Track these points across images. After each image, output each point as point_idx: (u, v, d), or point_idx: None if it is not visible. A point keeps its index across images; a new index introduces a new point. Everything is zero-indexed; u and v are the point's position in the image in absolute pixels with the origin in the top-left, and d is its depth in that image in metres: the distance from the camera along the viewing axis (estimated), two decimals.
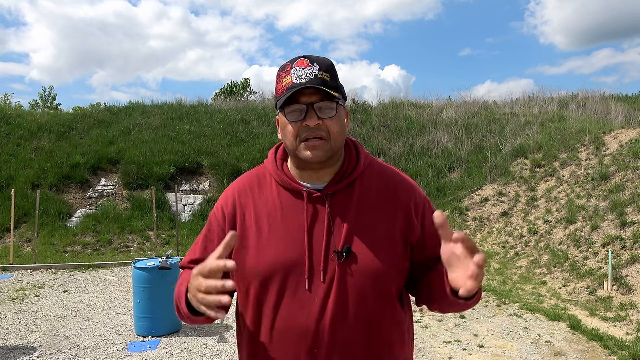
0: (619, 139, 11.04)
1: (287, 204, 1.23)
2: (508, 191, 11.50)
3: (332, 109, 1.17)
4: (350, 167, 1.27)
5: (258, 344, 1.22)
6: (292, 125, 1.17)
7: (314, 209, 1.22)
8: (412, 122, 16.53)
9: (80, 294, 6.83)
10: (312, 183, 1.25)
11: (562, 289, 7.15)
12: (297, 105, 1.16)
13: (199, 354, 4.69)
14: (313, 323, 1.15)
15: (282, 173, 1.27)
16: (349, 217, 1.21)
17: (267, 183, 1.29)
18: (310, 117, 1.15)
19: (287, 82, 1.17)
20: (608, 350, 4.78)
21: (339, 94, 1.19)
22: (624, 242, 7.43)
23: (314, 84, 1.14)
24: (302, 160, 1.20)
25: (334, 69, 1.21)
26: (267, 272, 1.18)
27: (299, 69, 1.17)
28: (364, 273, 1.17)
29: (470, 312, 6.00)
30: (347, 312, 1.16)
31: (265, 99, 20.80)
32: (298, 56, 1.20)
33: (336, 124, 1.19)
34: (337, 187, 1.23)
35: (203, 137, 14.48)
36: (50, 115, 16.03)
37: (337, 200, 1.23)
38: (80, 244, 10.17)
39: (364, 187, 1.25)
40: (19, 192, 10.85)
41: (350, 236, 1.19)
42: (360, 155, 1.30)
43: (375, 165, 1.31)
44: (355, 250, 1.18)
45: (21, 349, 4.76)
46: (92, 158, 12.76)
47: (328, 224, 1.19)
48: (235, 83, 29.63)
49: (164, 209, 11.62)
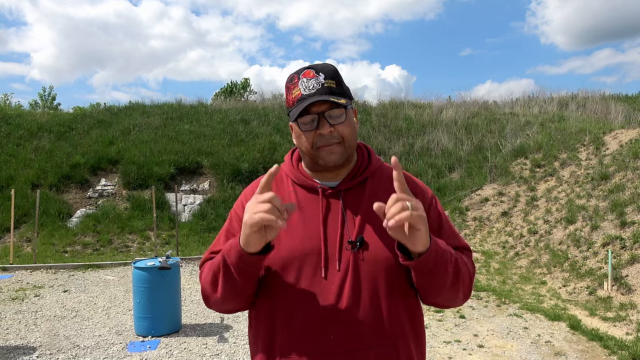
0: (619, 139, 11.04)
1: (303, 200, 1.31)
2: (508, 191, 11.50)
3: (341, 115, 1.26)
4: (362, 167, 1.35)
5: (275, 332, 1.25)
6: (306, 135, 1.27)
7: (328, 203, 1.30)
8: (412, 122, 16.54)
9: (80, 294, 6.83)
10: (327, 181, 1.33)
11: (562, 289, 7.15)
12: (309, 116, 1.25)
13: (199, 354, 4.69)
14: (329, 310, 1.20)
15: (298, 172, 1.36)
16: (361, 210, 1.28)
17: (283, 182, 1.37)
18: (322, 125, 1.24)
19: (297, 94, 1.27)
20: (608, 350, 4.78)
21: (346, 99, 1.27)
22: (624, 242, 7.43)
23: (322, 94, 1.24)
24: (321, 165, 1.29)
25: (338, 75, 1.30)
26: (285, 261, 1.24)
27: (306, 80, 1.26)
28: (376, 261, 1.23)
29: (470, 312, 6.00)
30: (362, 299, 1.21)
31: (265, 99, 20.80)
32: (303, 67, 1.29)
33: (347, 127, 1.27)
34: (350, 184, 1.32)
35: (203, 137, 14.48)
36: (50, 115, 16.04)
37: (350, 195, 1.31)
38: (80, 244, 10.17)
39: (374, 185, 1.33)
40: (19, 192, 10.86)
41: (362, 227, 1.26)
42: (372, 157, 1.39)
43: (385, 168, 1.39)
44: (368, 240, 1.24)
45: (21, 349, 4.77)
46: (92, 158, 12.76)
47: (342, 216, 1.27)
48: (235, 83, 29.65)
49: (164, 209, 11.62)
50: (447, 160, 14.11)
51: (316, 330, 1.20)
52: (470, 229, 10.75)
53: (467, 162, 13.81)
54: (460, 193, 12.26)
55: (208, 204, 12.09)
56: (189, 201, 12.29)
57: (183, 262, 8.58)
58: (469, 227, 10.84)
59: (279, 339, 1.24)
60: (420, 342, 1.32)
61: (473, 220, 11.04)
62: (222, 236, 1.39)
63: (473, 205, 11.60)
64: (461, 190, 12.38)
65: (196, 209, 12.05)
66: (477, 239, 10.25)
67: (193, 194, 12.55)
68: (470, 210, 11.44)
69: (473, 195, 12.05)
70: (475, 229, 10.70)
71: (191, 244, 10.44)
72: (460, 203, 11.83)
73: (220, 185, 12.72)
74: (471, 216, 11.22)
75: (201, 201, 12.26)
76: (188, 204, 12.23)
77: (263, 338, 1.28)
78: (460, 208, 11.53)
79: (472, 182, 12.60)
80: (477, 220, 10.92)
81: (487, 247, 9.75)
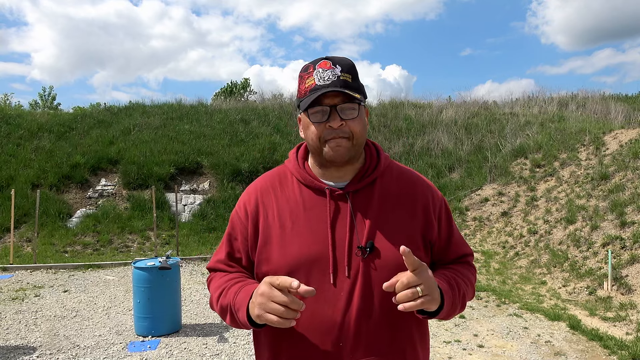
0: (619, 139, 11.04)
1: (310, 201, 1.26)
2: (508, 191, 11.50)
3: (354, 109, 1.21)
4: (371, 166, 1.30)
5: (282, 340, 1.22)
6: (315, 126, 1.21)
7: (336, 205, 1.24)
8: (412, 122, 16.54)
9: (80, 294, 6.83)
10: (334, 181, 1.27)
11: (562, 289, 7.16)
12: (321, 107, 1.19)
13: (199, 354, 4.69)
14: (339, 318, 1.17)
15: (304, 171, 1.30)
16: (371, 214, 1.23)
17: (288, 182, 1.31)
18: (333, 118, 1.18)
19: (310, 83, 1.20)
20: (608, 350, 4.78)
21: (360, 95, 1.22)
22: (623, 242, 7.43)
23: (337, 86, 1.17)
24: (326, 159, 1.23)
25: (355, 70, 1.24)
26: (292, 267, 1.20)
27: (321, 70, 1.19)
28: (388, 268, 1.18)
29: (470, 312, 6.00)
30: (373, 307, 1.18)
31: (265, 99, 20.80)
32: (320, 57, 1.23)
33: (358, 124, 1.22)
34: (359, 186, 1.26)
35: (203, 137, 14.48)
36: (50, 115, 16.03)
37: (359, 197, 1.25)
38: (80, 244, 10.17)
39: (384, 186, 1.29)
40: (19, 192, 10.86)
41: (373, 232, 1.21)
42: (380, 156, 1.34)
43: (394, 167, 1.35)
44: (378, 246, 1.20)
45: (21, 349, 4.77)
46: (92, 158, 12.76)
47: (351, 220, 1.22)
48: (235, 83, 29.65)
49: (164, 209, 11.62)
50: (447, 160, 14.11)
51: (324, 338, 1.17)
52: (470, 229, 10.76)
53: (467, 162, 13.81)
54: (460, 193, 12.27)
55: (208, 204, 12.09)
56: (189, 201, 12.29)
57: (183, 262, 8.58)
58: (469, 227, 10.84)
59: (286, 349, 1.21)
60: (425, 340, 1.32)
61: (473, 220, 11.05)
62: (224, 243, 1.36)
63: (473, 205, 11.60)
64: (461, 190, 12.38)
65: (196, 209, 12.05)
66: (477, 239, 10.26)
67: (193, 194, 12.55)
68: (470, 210, 11.44)
69: (473, 195, 12.05)
70: (475, 229, 10.70)
71: (191, 244, 10.44)
72: (460, 203, 11.83)
73: (220, 185, 12.72)
74: (471, 216, 11.22)
75: (201, 201, 12.26)
76: (188, 204, 12.23)
77: (269, 347, 1.25)
78: (460, 208, 11.53)
79: (472, 182, 12.60)
80: (477, 220, 10.92)
81: (487, 247, 9.76)
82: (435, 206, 1.31)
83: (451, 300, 1.18)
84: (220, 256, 1.36)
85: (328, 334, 1.17)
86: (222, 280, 1.31)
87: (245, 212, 1.31)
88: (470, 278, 1.33)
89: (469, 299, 1.31)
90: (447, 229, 1.33)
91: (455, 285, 1.23)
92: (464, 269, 1.33)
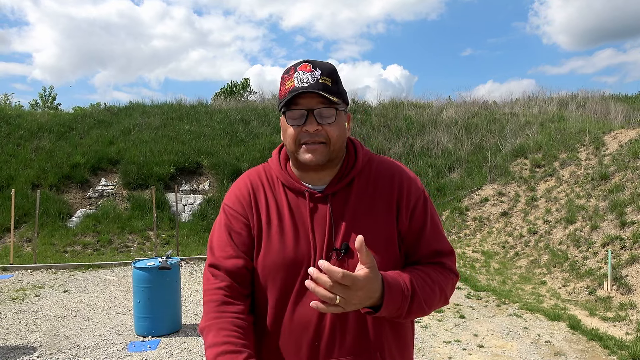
0: (619, 139, 11.04)
1: (293, 202, 1.27)
2: (508, 191, 11.51)
3: (331, 115, 1.21)
4: (349, 166, 1.30)
5: (263, 337, 1.25)
6: (292, 130, 1.21)
7: (316, 208, 1.25)
8: (412, 122, 16.54)
9: (80, 294, 6.84)
10: (313, 184, 1.28)
11: (562, 289, 7.16)
12: (298, 110, 1.20)
13: (199, 354, 4.69)
14: (315, 318, 1.19)
15: (286, 173, 1.30)
16: (347, 216, 1.24)
17: (274, 181, 1.33)
18: (310, 122, 1.19)
19: (290, 85, 1.21)
20: (608, 350, 4.79)
21: (339, 99, 1.21)
22: (623, 242, 7.43)
23: (315, 88, 1.18)
24: (301, 162, 1.24)
25: (336, 74, 1.24)
26: (272, 269, 1.22)
27: (301, 73, 1.20)
28: None
29: (470, 312, 6.01)
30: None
31: (265, 99, 20.79)
32: (301, 60, 1.24)
33: (335, 129, 1.22)
34: (337, 187, 1.27)
35: (203, 137, 14.48)
36: (50, 116, 16.03)
37: (337, 199, 1.26)
38: (80, 244, 10.17)
39: (361, 185, 1.28)
40: (19, 192, 10.86)
41: (348, 234, 1.22)
42: (358, 154, 1.32)
43: (374, 161, 1.33)
44: (352, 247, 1.20)
45: (21, 349, 4.77)
46: (92, 158, 12.76)
47: (330, 223, 1.23)
48: (235, 83, 29.66)
49: (164, 209, 11.62)
50: (447, 160, 14.11)
51: (301, 337, 1.20)
52: (470, 229, 10.76)
53: (467, 162, 13.82)
54: (460, 193, 12.27)
55: (208, 204, 12.09)
56: (189, 201, 12.30)
57: (183, 262, 8.58)
58: (468, 227, 10.85)
59: (264, 347, 1.25)
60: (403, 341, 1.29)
61: (473, 220, 11.05)
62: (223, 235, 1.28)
63: (473, 205, 11.60)
64: (461, 190, 12.38)
65: (196, 209, 12.06)
66: (477, 239, 10.26)
67: (193, 194, 12.55)
68: (470, 210, 11.44)
69: (473, 195, 12.05)
70: (475, 229, 10.70)
71: (191, 244, 10.45)
72: (460, 203, 11.83)
73: (220, 185, 12.72)
74: (471, 216, 11.22)
75: (201, 201, 12.27)
76: (188, 204, 12.23)
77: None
78: (460, 208, 11.53)
79: (472, 182, 12.61)
80: (477, 220, 10.92)
81: (487, 247, 9.76)
82: (411, 197, 1.28)
83: (396, 305, 1.12)
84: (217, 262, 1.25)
85: (305, 333, 1.20)
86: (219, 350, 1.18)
87: (241, 204, 1.29)
88: (440, 282, 1.24)
89: (439, 305, 1.25)
90: (420, 221, 1.28)
91: (410, 291, 1.15)
92: (434, 272, 1.25)
